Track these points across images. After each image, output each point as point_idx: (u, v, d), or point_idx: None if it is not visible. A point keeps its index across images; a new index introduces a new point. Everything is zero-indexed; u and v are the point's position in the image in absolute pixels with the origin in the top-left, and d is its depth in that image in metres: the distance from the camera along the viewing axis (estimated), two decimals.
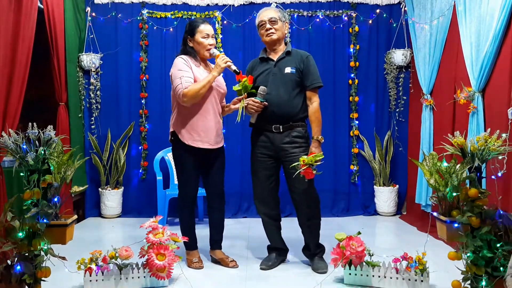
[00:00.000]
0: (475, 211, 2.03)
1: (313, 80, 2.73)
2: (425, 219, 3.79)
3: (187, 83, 2.63)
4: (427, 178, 2.32)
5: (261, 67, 2.81)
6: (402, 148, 4.47)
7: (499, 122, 2.72)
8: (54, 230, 2.13)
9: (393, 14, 4.47)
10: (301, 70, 2.73)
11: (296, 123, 2.71)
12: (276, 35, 2.74)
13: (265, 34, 2.76)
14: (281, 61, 2.76)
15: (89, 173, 4.40)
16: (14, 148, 2.14)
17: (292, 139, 2.70)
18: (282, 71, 2.73)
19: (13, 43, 2.94)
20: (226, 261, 2.84)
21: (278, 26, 2.74)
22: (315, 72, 2.75)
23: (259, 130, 2.79)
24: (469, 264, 2.03)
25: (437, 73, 3.75)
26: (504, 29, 2.74)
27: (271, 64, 2.77)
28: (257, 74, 2.80)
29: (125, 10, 4.43)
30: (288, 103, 2.69)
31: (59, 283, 2.45)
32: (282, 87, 2.70)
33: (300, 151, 2.68)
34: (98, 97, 4.40)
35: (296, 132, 2.71)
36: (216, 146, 2.80)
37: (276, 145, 2.72)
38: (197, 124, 2.72)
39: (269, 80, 2.73)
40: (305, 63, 2.73)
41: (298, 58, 2.75)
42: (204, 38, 2.74)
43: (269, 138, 2.74)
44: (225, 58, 2.69)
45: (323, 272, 2.68)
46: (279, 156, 2.74)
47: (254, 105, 2.67)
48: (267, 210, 2.83)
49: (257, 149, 2.79)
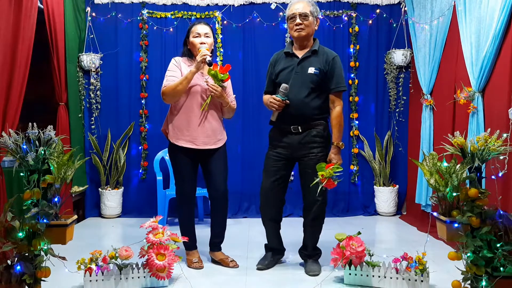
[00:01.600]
0: (475, 211, 2.03)
1: (338, 84, 2.64)
2: (425, 219, 3.80)
3: (168, 82, 2.69)
4: (427, 178, 2.32)
5: (284, 62, 2.72)
6: (402, 148, 4.47)
7: (499, 122, 2.72)
8: (54, 230, 2.13)
9: (393, 14, 4.47)
10: (325, 72, 2.63)
11: (316, 122, 2.65)
12: (306, 31, 2.62)
13: (294, 29, 2.64)
14: (305, 60, 2.66)
15: (89, 173, 4.41)
16: (14, 148, 2.14)
17: (311, 138, 2.64)
18: (305, 71, 2.64)
19: (13, 43, 2.94)
20: (226, 261, 2.84)
21: (308, 21, 2.62)
22: (340, 75, 2.65)
23: (278, 130, 2.73)
24: (469, 264, 2.03)
25: (437, 73, 3.75)
26: (504, 29, 2.74)
27: (295, 61, 2.68)
28: (279, 69, 2.72)
29: (125, 10, 4.43)
30: (308, 104, 2.62)
31: (59, 283, 2.45)
32: (303, 87, 2.62)
33: (318, 151, 2.63)
34: (98, 97, 4.41)
35: (315, 131, 2.64)
36: (205, 147, 2.76)
37: (295, 145, 2.66)
38: (181, 123, 2.74)
39: (291, 78, 2.65)
40: (331, 65, 2.63)
41: (323, 59, 2.65)
42: (195, 37, 2.75)
43: (288, 139, 2.68)
44: (203, 52, 2.64)
45: (314, 274, 2.65)
46: (296, 156, 2.68)
47: (275, 103, 2.61)
48: (270, 211, 2.80)
49: (275, 148, 2.74)
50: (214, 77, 2.67)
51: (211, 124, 2.77)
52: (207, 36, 2.76)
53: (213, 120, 2.79)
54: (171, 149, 2.82)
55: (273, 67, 2.78)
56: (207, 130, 2.75)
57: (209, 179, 2.84)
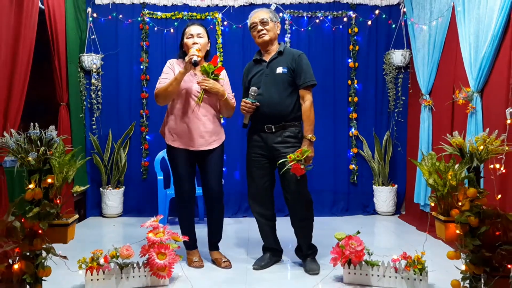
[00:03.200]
0: (473, 211, 2.04)
1: (306, 79, 2.69)
2: (424, 218, 3.81)
3: (160, 84, 2.72)
4: (426, 178, 2.33)
5: (255, 69, 2.82)
6: (401, 148, 4.49)
7: (498, 122, 2.73)
8: (55, 230, 2.14)
9: (392, 15, 4.49)
10: (293, 69, 2.70)
11: (289, 123, 2.70)
12: (268, 35, 2.75)
13: (257, 36, 2.77)
14: (273, 62, 2.76)
15: (90, 173, 4.42)
16: (16, 148, 2.16)
17: (284, 138, 2.69)
18: (274, 71, 2.72)
19: (14, 44, 2.96)
20: (220, 261, 2.85)
21: (269, 26, 2.75)
22: (308, 70, 2.71)
23: (253, 130, 2.81)
24: (468, 264, 2.04)
25: (436, 73, 3.77)
26: (503, 29, 2.75)
27: (263, 65, 2.78)
28: (251, 76, 2.82)
29: (126, 11, 4.45)
30: (280, 103, 2.68)
31: (60, 283, 2.47)
32: (274, 87, 2.70)
33: (292, 151, 2.65)
34: (99, 98, 4.42)
35: (288, 132, 2.69)
36: (199, 149, 2.77)
37: (269, 145, 2.71)
38: (175, 125, 2.78)
39: (262, 81, 2.73)
40: (297, 62, 2.70)
41: (290, 57, 2.73)
42: (188, 38, 2.77)
43: (262, 138, 2.75)
44: (191, 53, 2.63)
45: (315, 273, 2.67)
46: (272, 156, 2.73)
47: (246, 106, 2.69)
48: (261, 210, 2.83)
49: (252, 149, 2.81)
50: (205, 72, 2.71)
51: (205, 126, 2.77)
52: (200, 36, 2.78)
53: (207, 121, 2.79)
54: (169, 150, 2.86)
55: (246, 76, 2.88)
56: (201, 132, 2.76)
57: (204, 179, 2.86)
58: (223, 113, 2.92)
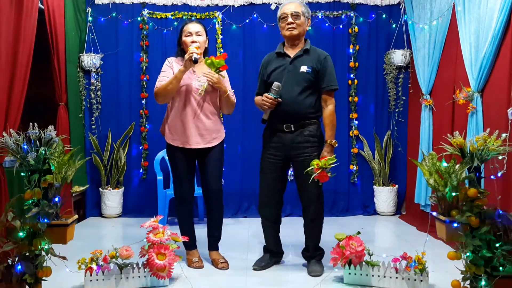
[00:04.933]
0: (474, 211, 2.04)
1: (329, 82, 2.66)
2: (424, 219, 3.80)
3: (160, 82, 2.71)
4: (426, 178, 2.32)
5: (276, 62, 2.74)
6: (401, 148, 4.48)
7: (498, 122, 2.73)
8: (54, 230, 2.14)
9: (392, 14, 4.48)
10: (318, 70, 2.65)
11: (308, 121, 2.66)
12: (297, 30, 2.65)
13: (285, 28, 2.66)
14: (298, 59, 2.68)
15: (90, 173, 4.41)
16: (15, 148, 2.15)
17: (304, 137, 2.64)
18: (297, 69, 2.65)
19: (14, 44, 2.95)
20: (217, 261, 2.83)
21: (300, 21, 2.65)
22: (332, 74, 2.67)
23: (271, 130, 2.74)
24: (469, 264, 2.04)
25: (436, 73, 3.76)
26: (503, 29, 2.75)
27: (287, 61, 2.69)
28: (271, 69, 2.73)
29: (126, 11, 4.44)
30: (300, 102, 2.62)
31: (60, 283, 2.46)
32: (296, 85, 2.63)
33: (312, 151, 2.63)
34: (99, 97, 4.41)
35: (308, 130, 2.65)
36: (198, 147, 2.76)
37: (287, 145, 2.66)
38: (175, 124, 2.77)
39: (284, 77, 2.66)
40: (323, 64, 2.66)
41: (315, 58, 2.67)
42: (187, 36, 2.76)
43: (280, 139, 2.68)
44: (190, 50, 2.62)
45: (316, 275, 2.64)
46: (290, 156, 2.69)
47: (268, 101, 2.60)
48: (269, 213, 2.81)
49: (268, 149, 2.75)
50: (211, 65, 2.65)
51: (204, 124, 2.76)
52: (198, 34, 2.76)
53: (207, 119, 2.78)
54: (169, 150, 2.85)
55: (265, 68, 2.80)
56: (200, 130, 2.75)
57: (203, 177, 2.85)
58: (224, 110, 2.91)
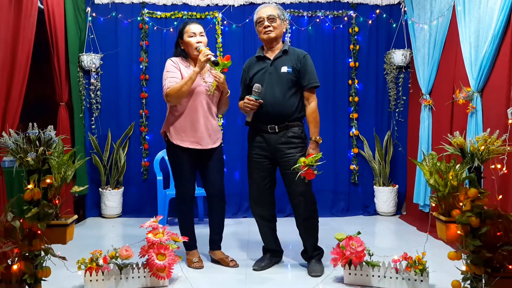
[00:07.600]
0: (474, 211, 2.03)
1: (310, 80, 2.68)
2: (424, 219, 3.80)
3: (171, 83, 2.69)
4: (426, 178, 2.32)
5: (257, 66, 2.77)
6: (401, 148, 4.48)
7: (498, 122, 2.73)
8: (54, 230, 2.13)
9: (392, 14, 4.48)
10: (298, 70, 2.67)
11: (292, 123, 2.67)
12: (274, 33, 2.69)
13: (262, 32, 2.70)
14: (277, 60, 2.71)
15: (90, 173, 4.41)
16: (15, 148, 2.15)
17: (288, 139, 2.66)
18: (278, 70, 2.68)
19: (13, 43, 2.95)
20: (226, 260, 2.84)
21: (276, 24, 2.69)
22: (312, 72, 2.70)
23: (255, 131, 2.76)
24: (469, 264, 2.03)
25: (436, 73, 3.76)
26: (503, 29, 2.74)
27: (267, 63, 2.73)
28: (253, 72, 2.76)
29: (126, 11, 4.43)
30: (283, 102, 2.64)
31: (60, 283, 2.46)
32: (278, 86, 2.66)
33: (296, 152, 2.64)
34: (99, 97, 4.41)
35: (292, 132, 2.66)
36: (208, 147, 2.78)
37: (272, 146, 2.68)
38: (185, 124, 2.75)
39: (265, 79, 2.69)
40: (302, 62, 2.68)
41: (295, 57, 2.70)
42: (191, 37, 2.76)
43: (264, 139, 2.70)
44: (205, 52, 2.65)
45: (316, 275, 2.64)
46: (275, 157, 2.70)
47: (249, 103, 2.63)
48: (262, 212, 2.80)
49: (253, 149, 2.77)
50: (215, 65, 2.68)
51: (212, 124, 2.81)
52: (201, 35, 2.78)
53: (213, 120, 2.83)
54: (172, 150, 2.82)
55: (247, 73, 2.83)
56: (209, 130, 2.78)
57: (208, 177, 2.85)
58: (220, 110, 2.94)
